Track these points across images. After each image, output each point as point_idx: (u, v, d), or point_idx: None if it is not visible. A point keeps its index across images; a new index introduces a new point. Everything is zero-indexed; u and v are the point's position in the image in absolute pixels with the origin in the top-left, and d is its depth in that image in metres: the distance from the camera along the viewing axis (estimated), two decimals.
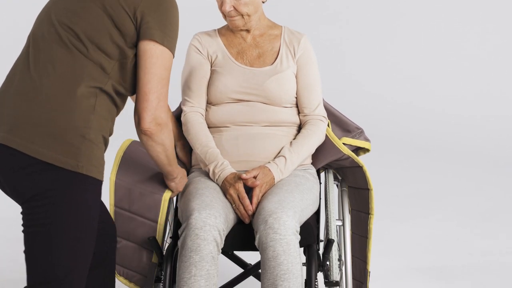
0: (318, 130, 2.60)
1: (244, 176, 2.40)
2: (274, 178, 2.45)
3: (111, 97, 2.03)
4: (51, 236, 1.93)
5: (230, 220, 2.36)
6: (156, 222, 2.41)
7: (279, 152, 2.53)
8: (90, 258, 2.03)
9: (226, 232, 2.31)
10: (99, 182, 2.00)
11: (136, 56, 2.04)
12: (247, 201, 2.37)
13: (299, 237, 2.27)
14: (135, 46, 2.03)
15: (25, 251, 1.97)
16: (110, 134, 2.06)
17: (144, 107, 2.02)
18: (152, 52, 2.02)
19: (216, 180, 2.46)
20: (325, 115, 2.65)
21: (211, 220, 2.25)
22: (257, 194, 2.39)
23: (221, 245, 2.28)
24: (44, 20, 2.05)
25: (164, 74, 2.04)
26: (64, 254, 1.95)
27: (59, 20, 2.01)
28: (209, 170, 2.49)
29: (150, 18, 2.01)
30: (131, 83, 2.07)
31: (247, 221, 2.38)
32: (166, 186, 2.42)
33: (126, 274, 2.47)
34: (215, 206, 2.30)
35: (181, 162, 2.63)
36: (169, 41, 2.03)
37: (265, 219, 2.26)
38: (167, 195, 2.39)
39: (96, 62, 1.99)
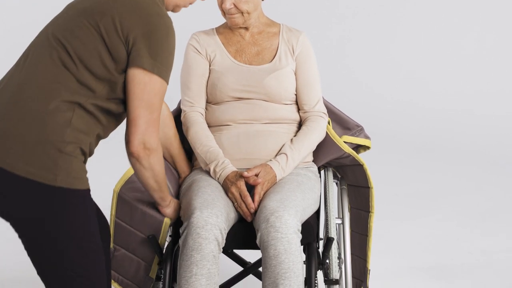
0: (319, 127, 2.59)
1: (245, 174, 2.40)
2: (275, 176, 2.45)
3: (91, 113, 1.97)
4: (55, 254, 1.92)
5: (231, 218, 2.36)
6: None
7: (280, 150, 2.53)
8: (102, 259, 2.01)
9: (227, 231, 2.31)
10: (86, 191, 1.96)
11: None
12: (249, 199, 2.37)
13: (300, 236, 2.27)
14: (125, 71, 2.00)
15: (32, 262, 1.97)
16: (91, 150, 2.01)
17: (132, 132, 2.00)
18: (140, 78, 1.98)
19: (218, 179, 2.46)
20: (325, 111, 2.65)
21: (212, 219, 2.25)
22: (259, 192, 2.39)
23: (222, 244, 2.27)
24: (43, 33, 2.04)
25: (154, 100, 1.99)
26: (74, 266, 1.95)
27: (54, 35, 1.99)
28: (209, 169, 2.48)
29: (142, 45, 1.97)
30: (122, 102, 2.04)
31: (249, 219, 2.37)
32: None
33: (121, 281, 2.45)
34: (217, 205, 2.30)
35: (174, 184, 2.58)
36: (159, 68, 1.98)
37: (267, 217, 2.26)
38: (167, 220, 2.38)
39: (80, 79, 1.95)
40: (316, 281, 2.32)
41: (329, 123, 2.67)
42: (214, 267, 2.24)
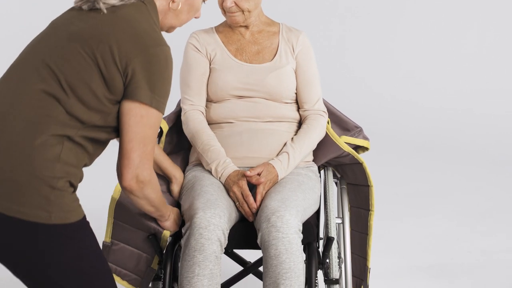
0: (319, 125, 2.59)
1: (248, 173, 2.40)
2: (277, 176, 2.45)
3: (80, 145, 1.88)
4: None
5: (233, 218, 2.35)
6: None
7: (281, 148, 2.53)
8: (112, 279, 1.94)
9: (229, 231, 2.30)
10: (81, 220, 1.87)
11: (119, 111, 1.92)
12: (251, 199, 2.36)
13: (301, 235, 2.27)
14: (119, 102, 1.91)
15: None
16: (80, 180, 1.91)
17: (125, 165, 1.92)
18: (136, 111, 1.89)
19: (219, 178, 2.45)
20: (325, 110, 2.65)
21: (215, 219, 2.24)
22: (261, 191, 2.38)
23: (225, 245, 2.27)
24: (29, 56, 1.92)
25: (149, 132, 1.91)
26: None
27: (45, 62, 1.87)
28: (211, 168, 2.48)
29: (140, 77, 1.87)
30: (114, 130, 1.96)
31: (251, 219, 2.37)
32: None
33: (119, 273, 2.41)
34: (220, 205, 2.29)
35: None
36: (158, 101, 1.90)
37: (268, 217, 2.25)
38: (167, 233, 2.34)
39: (70, 111, 1.84)
40: (316, 281, 2.32)
41: (328, 122, 2.66)
42: (216, 268, 2.24)
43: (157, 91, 1.90)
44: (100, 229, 2.37)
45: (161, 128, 2.63)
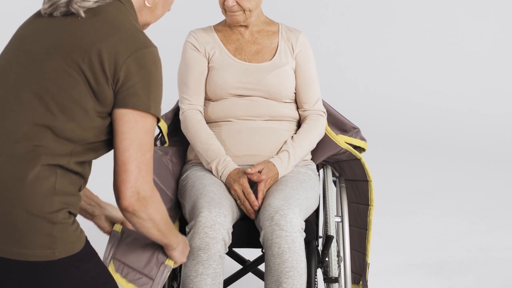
0: (319, 125, 2.60)
1: (249, 170, 2.40)
2: (278, 174, 2.45)
3: (74, 172, 1.74)
4: None
5: (235, 217, 2.35)
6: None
7: (281, 147, 2.53)
8: None
9: (232, 230, 2.30)
10: (85, 246, 1.75)
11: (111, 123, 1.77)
12: (252, 196, 2.36)
13: (304, 234, 2.27)
14: (111, 113, 1.76)
15: None
16: (79, 204, 1.79)
17: (122, 180, 1.73)
18: (130, 117, 1.73)
19: (220, 177, 2.45)
20: (324, 110, 2.65)
21: (220, 218, 2.24)
22: (262, 189, 2.38)
23: (228, 244, 2.27)
24: (4, 82, 1.74)
25: (146, 139, 1.74)
26: None
27: (25, 84, 1.71)
28: (211, 167, 2.48)
29: (132, 82, 1.73)
30: (106, 144, 1.81)
31: (252, 216, 2.37)
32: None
33: (126, 274, 2.08)
34: (224, 205, 2.29)
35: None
36: (155, 106, 1.76)
37: (271, 215, 2.25)
38: (170, 262, 2.06)
39: (60, 134, 1.70)
40: (316, 280, 2.32)
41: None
42: (220, 267, 2.24)
43: (151, 94, 1.75)
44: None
45: (160, 127, 2.64)
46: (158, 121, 1.80)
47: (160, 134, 2.67)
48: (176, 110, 2.69)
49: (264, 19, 2.66)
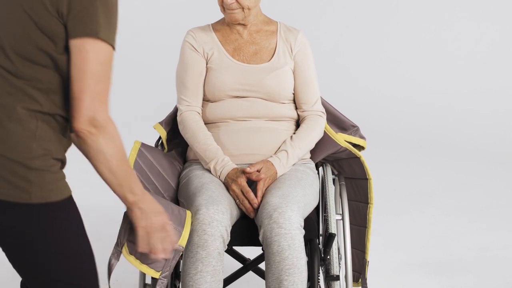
0: (318, 125, 2.59)
1: (248, 169, 2.40)
2: (276, 173, 2.45)
3: (55, 118, 1.76)
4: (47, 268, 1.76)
5: (234, 216, 2.35)
6: None
7: (280, 146, 2.53)
8: (93, 264, 1.83)
9: (230, 228, 2.30)
10: (65, 200, 1.76)
11: None
12: (251, 195, 2.36)
13: (303, 231, 2.27)
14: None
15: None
16: (65, 151, 1.80)
17: (76, 108, 1.71)
18: (80, 47, 1.69)
19: (219, 177, 2.45)
20: (324, 110, 2.65)
21: (218, 215, 2.24)
22: (261, 188, 2.38)
23: (227, 241, 2.27)
24: None
25: (99, 69, 1.70)
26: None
27: None
28: (210, 168, 2.48)
29: (79, 8, 1.69)
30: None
31: (252, 215, 2.37)
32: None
33: (139, 256, 2.09)
34: (222, 202, 2.29)
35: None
36: (105, 31, 1.70)
37: (270, 213, 2.25)
38: (182, 242, 2.12)
39: (28, 78, 1.71)
40: (318, 278, 2.33)
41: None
42: (219, 264, 2.24)
43: (100, 20, 1.70)
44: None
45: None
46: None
47: (160, 141, 2.67)
48: (174, 115, 2.68)
49: (263, 18, 2.66)
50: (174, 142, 2.69)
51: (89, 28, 1.69)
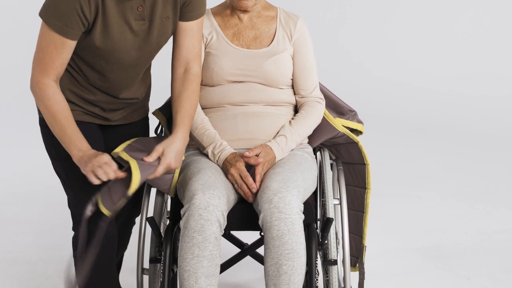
0: (316, 111, 2.59)
1: (246, 153, 2.39)
2: (275, 157, 2.44)
3: (68, 71, 2.36)
4: None
5: (231, 201, 2.35)
6: None
7: (278, 131, 2.52)
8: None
9: (227, 213, 2.30)
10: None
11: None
12: (250, 179, 2.36)
13: (303, 216, 2.27)
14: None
15: None
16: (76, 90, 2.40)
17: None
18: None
19: (217, 162, 2.45)
20: (322, 97, 2.64)
21: (214, 200, 2.24)
22: (260, 172, 2.38)
23: (224, 226, 2.27)
24: None
25: (40, 42, 2.24)
26: None
27: None
28: (207, 152, 2.47)
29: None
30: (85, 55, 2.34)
31: (250, 200, 2.36)
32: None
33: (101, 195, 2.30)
34: (218, 187, 2.29)
35: None
36: (43, 10, 2.19)
37: (270, 198, 2.25)
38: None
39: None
40: (316, 262, 2.33)
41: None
42: (216, 249, 2.24)
43: (49, 3, 2.18)
44: None
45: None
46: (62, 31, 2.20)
47: (160, 127, 2.67)
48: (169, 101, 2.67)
49: (264, 4, 2.64)
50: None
51: (42, 7, 2.23)
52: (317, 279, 2.35)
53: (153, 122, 2.68)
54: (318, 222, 2.69)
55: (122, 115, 2.52)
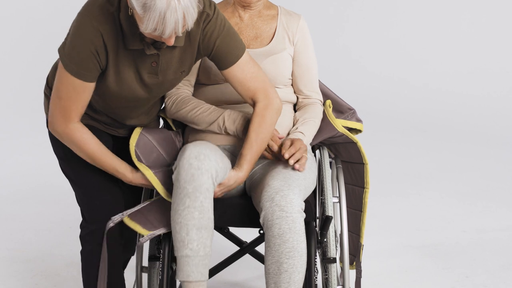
0: (320, 113, 2.59)
1: (278, 134, 2.45)
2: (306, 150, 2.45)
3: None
4: None
5: (222, 168, 2.30)
6: None
7: (289, 131, 2.52)
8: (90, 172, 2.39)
9: (220, 179, 2.27)
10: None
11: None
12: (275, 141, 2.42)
13: (304, 215, 2.26)
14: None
15: None
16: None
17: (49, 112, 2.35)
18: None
19: (235, 123, 2.44)
20: (322, 98, 2.64)
21: (206, 151, 2.22)
22: (284, 146, 2.41)
23: (217, 181, 2.25)
24: None
25: (59, 86, 2.25)
26: None
27: None
28: (218, 124, 2.43)
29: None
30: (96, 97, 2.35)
31: (270, 157, 2.43)
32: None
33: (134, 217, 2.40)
34: (212, 146, 2.29)
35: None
36: (62, 57, 2.22)
37: (271, 196, 2.25)
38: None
39: None
40: (315, 260, 2.33)
41: (330, 106, 2.64)
42: (207, 202, 2.21)
43: (66, 48, 2.20)
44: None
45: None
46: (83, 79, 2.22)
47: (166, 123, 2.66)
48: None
49: (265, 2, 2.63)
50: (179, 123, 2.67)
51: (60, 50, 2.26)
52: (316, 277, 2.35)
53: None
54: (317, 220, 2.69)
55: (130, 131, 2.53)
